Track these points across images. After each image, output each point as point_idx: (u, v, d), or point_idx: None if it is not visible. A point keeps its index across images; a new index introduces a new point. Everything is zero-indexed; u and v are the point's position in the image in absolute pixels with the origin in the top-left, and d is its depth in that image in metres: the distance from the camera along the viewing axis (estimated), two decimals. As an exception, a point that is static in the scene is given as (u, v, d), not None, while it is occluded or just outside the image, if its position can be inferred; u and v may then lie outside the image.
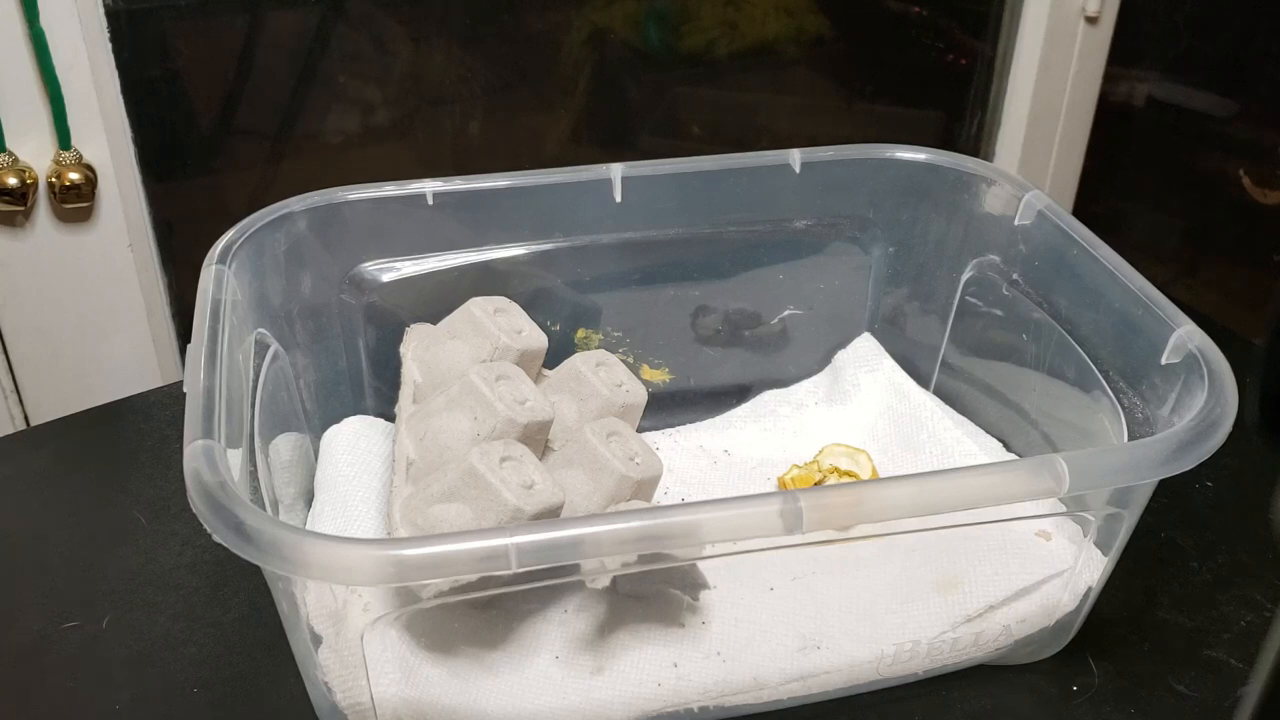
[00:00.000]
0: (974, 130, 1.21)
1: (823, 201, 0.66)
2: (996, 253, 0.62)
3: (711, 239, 0.66)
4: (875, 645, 0.49)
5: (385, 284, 0.61)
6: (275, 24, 0.93)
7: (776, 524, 0.40)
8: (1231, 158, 1.23)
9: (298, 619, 0.45)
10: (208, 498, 0.39)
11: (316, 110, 0.97)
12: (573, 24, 1.03)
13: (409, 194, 0.60)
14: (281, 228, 0.58)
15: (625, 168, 0.62)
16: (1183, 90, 1.28)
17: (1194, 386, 0.47)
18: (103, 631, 0.54)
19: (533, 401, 0.52)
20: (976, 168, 0.64)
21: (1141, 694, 0.51)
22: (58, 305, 0.86)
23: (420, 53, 0.99)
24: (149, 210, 0.88)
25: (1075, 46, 1.14)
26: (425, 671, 0.47)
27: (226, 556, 0.39)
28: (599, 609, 0.49)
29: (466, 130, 1.03)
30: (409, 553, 0.38)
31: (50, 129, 0.80)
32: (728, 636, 0.49)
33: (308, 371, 0.60)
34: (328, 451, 0.59)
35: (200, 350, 0.47)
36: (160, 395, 0.71)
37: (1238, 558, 0.59)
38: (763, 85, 1.15)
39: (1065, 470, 0.42)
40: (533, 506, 0.46)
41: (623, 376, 0.58)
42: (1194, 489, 0.63)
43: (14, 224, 0.82)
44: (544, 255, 0.63)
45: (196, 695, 0.51)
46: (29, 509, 0.62)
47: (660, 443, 0.64)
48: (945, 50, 1.19)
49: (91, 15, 0.80)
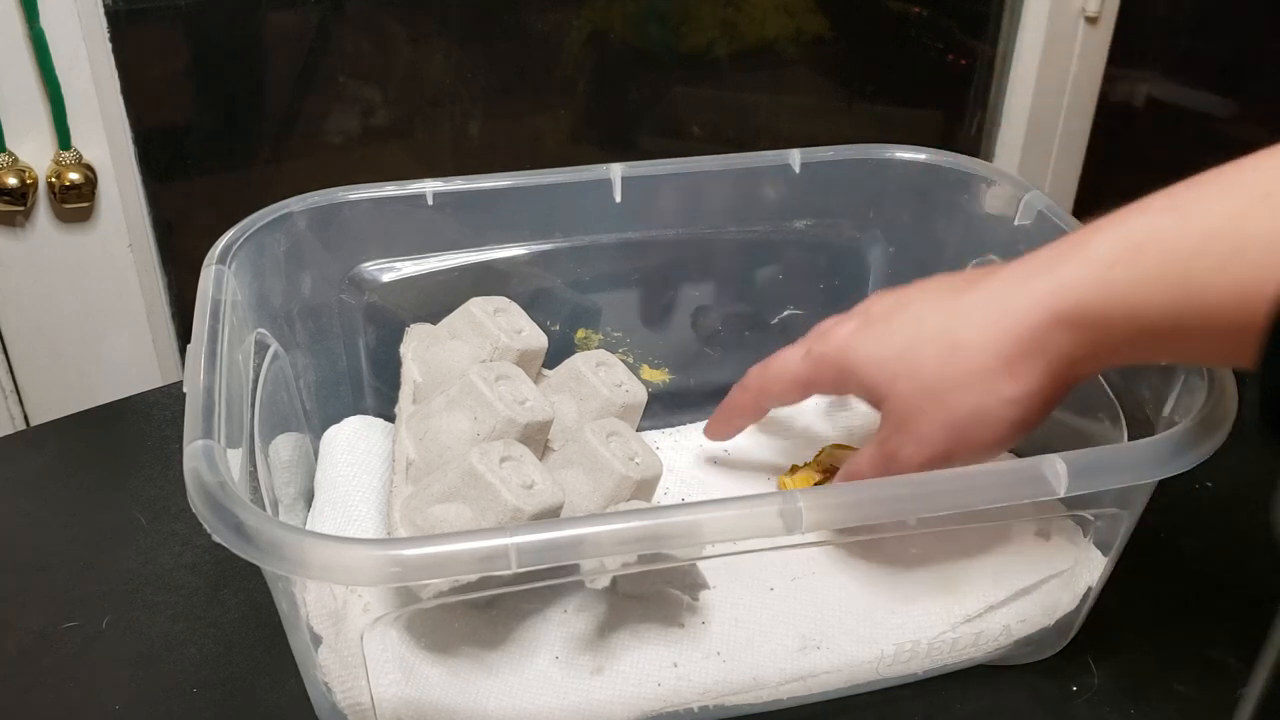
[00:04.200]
0: (974, 130, 1.21)
1: (823, 201, 0.66)
2: (996, 253, 0.62)
3: (711, 239, 0.66)
4: (875, 645, 0.49)
5: (385, 284, 0.61)
6: (275, 24, 0.93)
7: (776, 524, 0.40)
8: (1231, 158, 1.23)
9: (298, 619, 0.45)
10: (207, 498, 0.39)
11: (316, 110, 0.97)
12: (573, 24, 1.03)
13: (409, 194, 0.60)
14: (281, 228, 0.58)
15: (625, 168, 0.62)
16: (1183, 90, 1.29)
17: (1194, 386, 0.47)
18: (103, 631, 0.54)
19: (532, 401, 0.52)
20: (976, 168, 0.64)
21: (1141, 694, 0.51)
22: (58, 305, 0.86)
23: (420, 53, 0.99)
24: (149, 210, 0.88)
25: (1075, 46, 1.14)
26: (425, 671, 0.47)
27: (226, 557, 0.39)
28: (599, 609, 0.50)
29: (466, 130, 1.03)
30: (409, 553, 0.38)
31: (50, 129, 0.80)
32: (727, 636, 0.49)
33: (308, 371, 0.60)
34: (328, 451, 0.59)
35: (200, 350, 0.47)
36: (160, 395, 0.71)
37: (1238, 558, 0.59)
38: (763, 85, 1.15)
39: (1064, 471, 0.42)
40: (532, 506, 0.46)
41: (623, 376, 0.58)
42: (1194, 489, 0.63)
43: (14, 224, 0.82)
44: (544, 255, 0.63)
45: (196, 695, 0.51)
46: (29, 509, 0.62)
47: (660, 442, 0.64)
48: (945, 50, 1.19)
49: (91, 15, 0.80)
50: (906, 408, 0.46)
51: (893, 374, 0.47)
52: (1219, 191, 0.38)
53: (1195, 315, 0.38)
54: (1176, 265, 0.38)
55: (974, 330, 0.44)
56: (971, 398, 0.44)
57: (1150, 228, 0.40)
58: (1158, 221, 0.39)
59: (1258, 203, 0.37)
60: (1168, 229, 0.39)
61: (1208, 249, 0.37)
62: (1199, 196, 0.39)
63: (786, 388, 0.53)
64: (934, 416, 0.45)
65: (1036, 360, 0.43)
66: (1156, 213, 0.40)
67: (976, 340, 0.44)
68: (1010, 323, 0.43)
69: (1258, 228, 0.36)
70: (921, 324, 0.46)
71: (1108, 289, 0.40)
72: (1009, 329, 0.43)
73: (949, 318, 0.45)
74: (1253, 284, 0.36)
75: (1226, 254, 0.37)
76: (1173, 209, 0.39)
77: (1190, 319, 0.38)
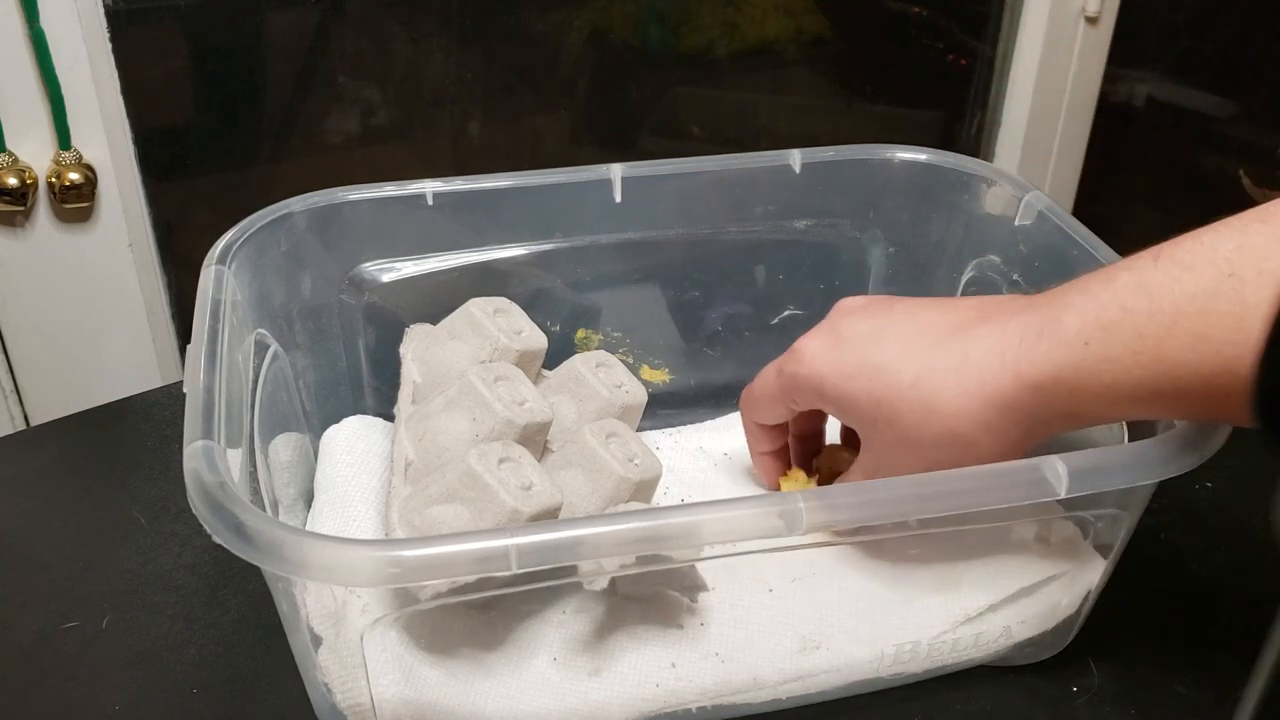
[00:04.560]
0: (974, 130, 1.21)
1: (823, 201, 0.66)
2: (996, 253, 0.62)
3: (711, 239, 0.66)
4: (875, 646, 0.49)
5: (385, 284, 0.61)
6: (275, 24, 0.93)
7: (776, 525, 0.40)
8: (1231, 158, 1.23)
9: (297, 620, 0.45)
10: (207, 498, 0.39)
11: (316, 110, 0.97)
12: (573, 24, 1.03)
13: (409, 194, 0.60)
14: (281, 228, 0.58)
15: (625, 168, 0.62)
16: (1183, 90, 1.29)
17: (1194, 387, 0.46)
18: (102, 632, 0.54)
19: (531, 402, 0.52)
20: (976, 168, 0.64)
21: (1141, 694, 0.51)
22: (58, 305, 0.86)
23: (420, 53, 0.99)
24: (149, 210, 0.88)
25: (1075, 46, 1.14)
26: (424, 673, 0.47)
27: (226, 557, 0.39)
28: (597, 610, 0.49)
29: (466, 130, 1.03)
30: (409, 553, 0.38)
31: (50, 129, 0.80)
32: (726, 637, 0.49)
33: (307, 372, 0.60)
34: (327, 452, 0.59)
35: (200, 350, 0.47)
36: (160, 395, 0.71)
37: (1238, 558, 0.59)
38: (763, 85, 1.15)
39: (1064, 471, 0.42)
40: (530, 508, 0.46)
41: (622, 377, 0.58)
42: (1194, 489, 0.63)
43: (14, 224, 0.82)
44: (544, 255, 0.63)
45: (196, 696, 0.51)
46: (29, 509, 0.62)
47: (661, 444, 0.64)
48: (945, 50, 1.19)
49: (91, 15, 0.80)
50: (886, 450, 0.48)
51: (871, 419, 0.48)
52: (1184, 269, 0.40)
53: (1170, 388, 0.40)
54: (1148, 345, 0.40)
55: (951, 394, 0.45)
56: (950, 454, 0.46)
57: (1120, 305, 0.41)
58: (1126, 300, 0.41)
59: (1223, 282, 0.38)
60: (1137, 308, 0.41)
61: (1176, 329, 0.39)
62: (1165, 274, 0.40)
63: (769, 406, 0.55)
64: (914, 461, 0.47)
65: (1013, 426, 0.45)
66: (1125, 289, 0.41)
67: (954, 405, 0.45)
68: (989, 394, 0.45)
69: (1224, 308, 0.38)
70: (895, 372, 0.47)
71: (1083, 366, 0.42)
72: (988, 401, 0.45)
73: (923, 374, 0.47)
74: (1223, 360, 0.38)
75: (1195, 335, 0.39)
76: (1141, 288, 0.41)
77: (1165, 391, 0.41)
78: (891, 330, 0.49)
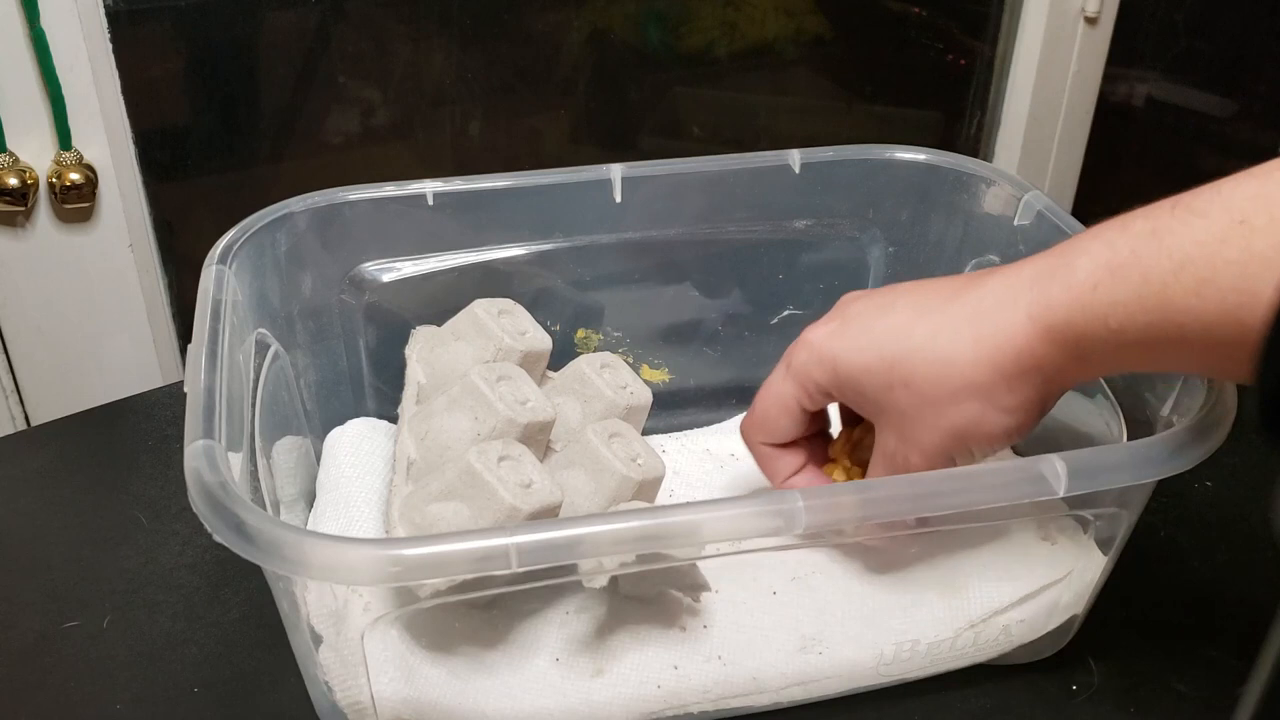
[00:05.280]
0: (974, 130, 1.21)
1: (823, 201, 0.66)
2: (996, 253, 0.63)
3: (711, 239, 0.66)
4: (875, 646, 0.49)
5: (385, 284, 0.61)
6: (275, 24, 0.93)
7: (777, 524, 0.40)
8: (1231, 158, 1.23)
9: (298, 619, 0.45)
10: (208, 497, 0.39)
11: (316, 110, 0.97)
12: (573, 24, 1.03)
13: (409, 194, 0.60)
14: (281, 228, 0.58)
15: (625, 168, 0.62)
16: (1183, 90, 1.28)
17: (1194, 386, 0.47)
18: (103, 631, 0.54)
19: (534, 402, 0.52)
20: (976, 168, 0.64)
21: (1141, 694, 0.51)
22: (58, 305, 0.86)
23: (420, 53, 0.99)
24: (149, 210, 0.88)
25: (1075, 46, 1.14)
26: (425, 671, 0.47)
27: (227, 556, 0.39)
28: (599, 610, 0.50)
29: (466, 130, 1.03)
30: (410, 552, 0.38)
31: (51, 129, 0.80)
32: (728, 639, 0.49)
33: (308, 372, 0.60)
34: (330, 453, 0.59)
35: (200, 350, 0.47)
36: (160, 395, 0.71)
37: (1238, 557, 0.59)
38: (762, 85, 1.15)
39: (1064, 470, 0.42)
40: (530, 505, 0.46)
41: (627, 378, 0.58)
42: (1194, 489, 0.63)
43: (14, 224, 0.82)
44: (544, 255, 0.63)
45: (197, 695, 0.51)
46: (29, 509, 0.62)
47: (666, 446, 0.64)
48: (945, 50, 1.19)
49: (91, 15, 0.80)
50: (905, 417, 0.47)
51: (887, 383, 0.47)
52: (1196, 215, 0.39)
53: (1175, 334, 0.40)
54: (1154, 289, 0.40)
55: (966, 344, 0.45)
56: (971, 407, 0.45)
57: (1131, 249, 0.41)
58: (1138, 244, 0.41)
59: (1232, 229, 0.38)
60: (1146, 252, 0.40)
61: (1183, 274, 0.39)
62: (1178, 219, 0.40)
63: (778, 417, 0.53)
64: (935, 424, 0.46)
65: (1030, 373, 0.44)
66: (1138, 235, 0.41)
67: (970, 354, 0.45)
68: (1003, 339, 0.44)
69: (1230, 255, 0.38)
70: (908, 333, 0.47)
71: (1092, 310, 0.42)
72: (1002, 345, 0.44)
73: (937, 329, 0.46)
74: (1227, 308, 0.38)
75: (1200, 280, 0.38)
76: (1153, 233, 0.40)
77: (1171, 337, 0.40)
78: (899, 300, 0.49)
